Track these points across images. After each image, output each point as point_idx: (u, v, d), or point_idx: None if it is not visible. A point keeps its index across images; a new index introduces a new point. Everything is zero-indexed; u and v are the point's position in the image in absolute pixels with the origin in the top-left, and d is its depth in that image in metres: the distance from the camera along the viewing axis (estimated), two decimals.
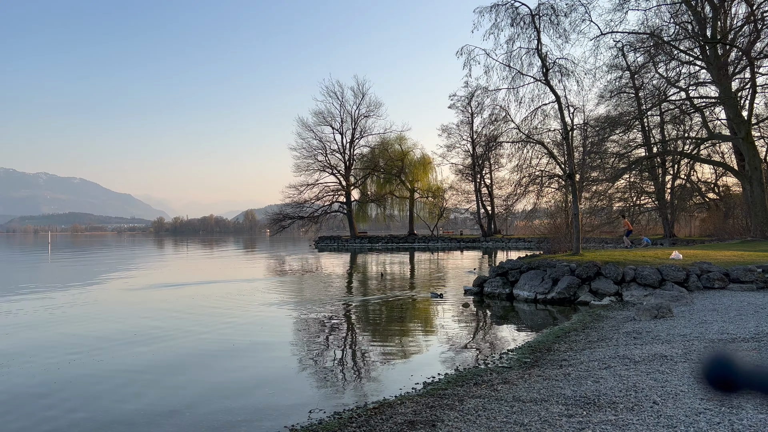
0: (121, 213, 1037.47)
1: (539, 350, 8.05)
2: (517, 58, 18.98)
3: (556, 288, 13.94)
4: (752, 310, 9.68)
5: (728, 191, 40.15)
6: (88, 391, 6.88)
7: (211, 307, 14.17)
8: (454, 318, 12.29)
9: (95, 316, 13.11)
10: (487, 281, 16.08)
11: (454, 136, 63.54)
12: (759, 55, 27.11)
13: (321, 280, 22.59)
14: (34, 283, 21.46)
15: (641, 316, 9.84)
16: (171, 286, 20.12)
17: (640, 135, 36.74)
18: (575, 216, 18.00)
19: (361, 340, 10.17)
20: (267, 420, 5.68)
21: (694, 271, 13.50)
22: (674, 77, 31.56)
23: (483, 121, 50.31)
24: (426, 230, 70.09)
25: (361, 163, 67.58)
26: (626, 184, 39.94)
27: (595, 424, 4.28)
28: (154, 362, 8.38)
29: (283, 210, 66.57)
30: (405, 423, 4.82)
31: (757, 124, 32.07)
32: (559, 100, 18.61)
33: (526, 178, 36.36)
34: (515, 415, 4.71)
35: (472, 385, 6.10)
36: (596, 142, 33.76)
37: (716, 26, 27.14)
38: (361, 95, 65.48)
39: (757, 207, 26.30)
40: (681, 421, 4.20)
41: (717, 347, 6.69)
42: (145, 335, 10.51)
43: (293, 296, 17.11)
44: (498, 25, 18.53)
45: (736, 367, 0.80)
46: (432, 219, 68.82)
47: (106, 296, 17.12)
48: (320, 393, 6.66)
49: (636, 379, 5.58)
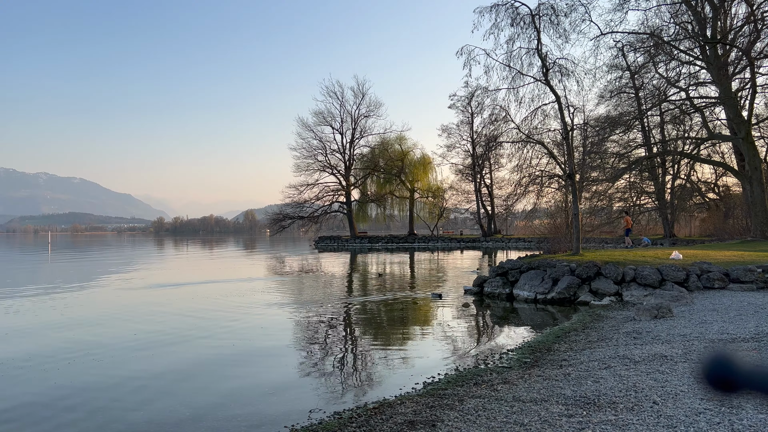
0: (121, 213, 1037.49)
1: (539, 350, 8.05)
2: (517, 58, 19.00)
3: (556, 288, 13.94)
4: (752, 310, 9.68)
5: (728, 191, 40.17)
6: (87, 393, 6.88)
7: (210, 308, 14.17)
8: (454, 318, 12.29)
9: (95, 317, 13.11)
10: (487, 281, 16.08)
11: (454, 136, 63.66)
12: (759, 55, 27.12)
13: (321, 280, 22.59)
14: (33, 283, 21.45)
15: (641, 316, 9.84)
16: (171, 286, 20.12)
17: (640, 135, 36.76)
18: (575, 216, 18.00)
19: (361, 341, 10.17)
20: (267, 420, 5.68)
21: (694, 271, 13.49)
22: (674, 77, 31.57)
23: (483, 121, 50.34)
24: (426, 230, 70.11)
25: (361, 163, 67.62)
26: (626, 184, 39.97)
27: (595, 424, 4.28)
28: (154, 363, 8.38)
29: (283, 210, 66.62)
30: (405, 423, 4.82)
31: (757, 124, 32.07)
32: (559, 100, 18.61)
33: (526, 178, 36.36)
34: (515, 415, 4.71)
35: (472, 385, 6.10)
36: (596, 142, 33.77)
37: (716, 26, 27.15)
38: (361, 95, 65.60)
39: (757, 207, 26.31)
40: (681, 421, 4.20)
41: (717, 347, 6.69)
42: (145, 336, 10.50)
43: (293, 296, 17.12)
44: (498, 25, 18.56)
45: (736, 367, 0.80)
46: (432, 219, 68.84)
47: (106, 297, 17.12)
48: (320, 393, 6.66)
49: (636, 379, 5.58)
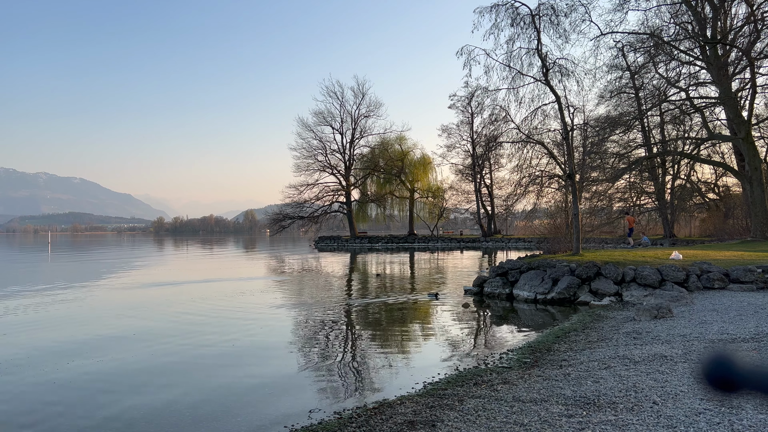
0: (121, 213, 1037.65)
1: (539, 350, 8.05)
2: (517, 59, 19.01)
3: (556, 288, 13.94)
4: (752, 310, 9.68)
5: (728, 191, 40.15)
6: (86, 392, 6.88)
7: (210, 308, 14.16)
8: (454, 318, 12.29)
9: (94, 316, 13.11)
10: (487, 281, 16.08)
11: (454, 136, 63.62)
12: (759, 56, 27.11)
13: (320, 280, 22.59)
14: (33, 282, 21.44)
15: (641, 317, 9.84)
16: (170, 286, 20.11)
17: (640, 135, 36.74)
18: (575, 216, 18.00)
19: (361, 341, 10.17)
20: (267, 420, 5.68)
21: (694, 271, 13.49)
22: (674, 77, 31.56)
23: (483, 121, 50.38)
24: (426, 230, 70.10)
25: (361, 163, 67.62)
26: (626, 185, 39.96)
27: (595, 425, 4.28)
28: (153, 362, 8.38)
29: (283, 210, 66.61)
30: (405, 423, 4.82)
31: (757, 124, 32.06)
32: (559, 100, 18.61)
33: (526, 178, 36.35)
34: (515, 416, 4.71)
35: (472, 385, 6.10)
36: (596, 142, 33.77)
37: (716, 26, 27.14)
38: (361, 95, 65.57)
39: (757, 207, 26.30)
40: (681, 421, 4.20)
41: (717, 347, 6.69)
42: (144, 336, 10.50)
43: (292, 296, 17.12)
44: (498, 26, 18.56)
45: (735, 368, 0.80)
46: (432, 219, 68.84)
47: (105, 296, 17.12)
48: (320, 393, 6.66)
49: (636, 379, 5.58)
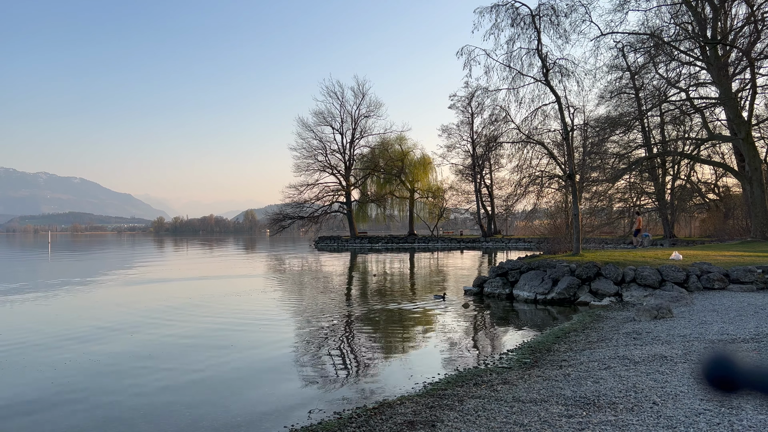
0: (121, 213, 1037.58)
1: (539, 351, 8.05)
2: (518, 59, 19.02)
3: (556, 288, 13.94)
4: (752, 310, 9.68)
5: (728, 192, 40.16)
6: (85, 391, 6.88)
7: (210, 308, 14.16)
8: (454, 318, 12.29)
9: (93, 315, 13.10)
10: (487, 281, 16.08)
11: (454, 136, 63.63)
12: (759, 56, 27.12)
13: (320, 280, 22.59)
14: (33, 282, 21.44)
15: (641, 317, 9.84)
16: (170, 285, 20.11)
17: (640, 135, 36.75)
18: (575, 216, 18.00)
19: (361, 341, 10.16)
20: (267, 420, 5.68)
21: (694, 271, 13.49)
22: (674, 78, 31.58)
23: (483, 121, 50.44)
24: (426, 230, 70.10)
25: (361, 163, 67.65)
26: (626, 185, 39.98)
27: (595, 425, 4.28)
28: (153, 362, 8.38)
29: (283, 210, 66.64)
30: (405, 423, 4.82)
31: (758, 124, 32.06)
32: (559, 100, 18.62)
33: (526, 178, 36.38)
34: (515, 416, 4.71)
35: (472, 386, 6.10)
36: (596, 142, 33.80)
37: (716, 27, 27.15)
38: (361, 95, 65.64)
39: (757, 208, 26.30)
40: (681, 421, 4.20)
41: (717, 348, 6.69)
42: (144, 335, 10.50)
43: (292, 296, 17.12)
44: (498, 26, 18.58)
45: (735, 368, 0.80)
46: (432, 219, 68.85)
47: (105, 295, 17.12)
48: (320, 393, 6.66)
49: (636, 379, 5.58)
